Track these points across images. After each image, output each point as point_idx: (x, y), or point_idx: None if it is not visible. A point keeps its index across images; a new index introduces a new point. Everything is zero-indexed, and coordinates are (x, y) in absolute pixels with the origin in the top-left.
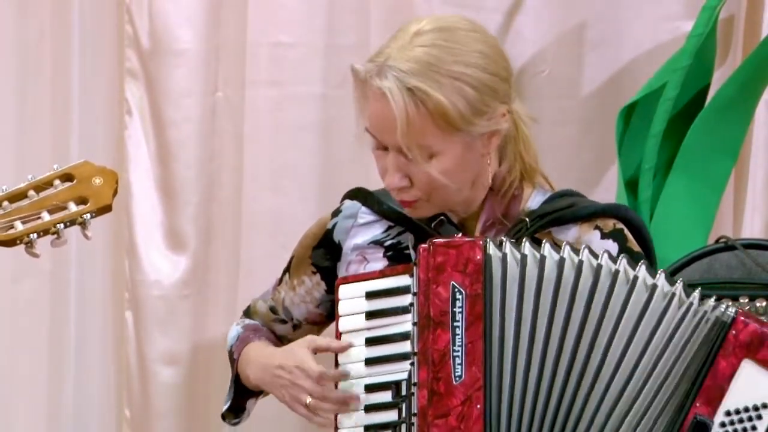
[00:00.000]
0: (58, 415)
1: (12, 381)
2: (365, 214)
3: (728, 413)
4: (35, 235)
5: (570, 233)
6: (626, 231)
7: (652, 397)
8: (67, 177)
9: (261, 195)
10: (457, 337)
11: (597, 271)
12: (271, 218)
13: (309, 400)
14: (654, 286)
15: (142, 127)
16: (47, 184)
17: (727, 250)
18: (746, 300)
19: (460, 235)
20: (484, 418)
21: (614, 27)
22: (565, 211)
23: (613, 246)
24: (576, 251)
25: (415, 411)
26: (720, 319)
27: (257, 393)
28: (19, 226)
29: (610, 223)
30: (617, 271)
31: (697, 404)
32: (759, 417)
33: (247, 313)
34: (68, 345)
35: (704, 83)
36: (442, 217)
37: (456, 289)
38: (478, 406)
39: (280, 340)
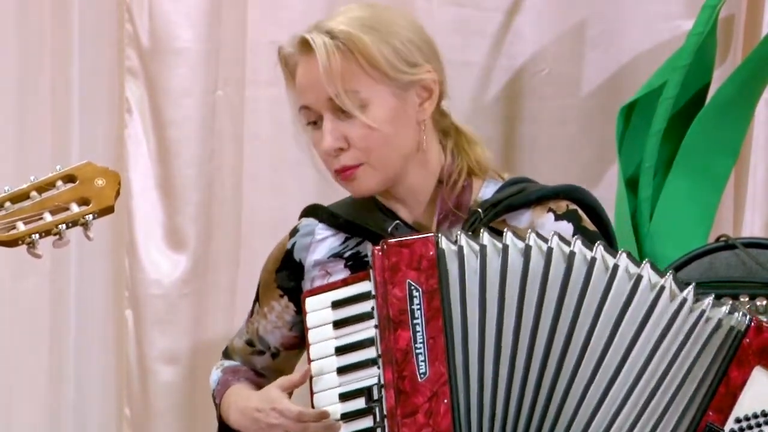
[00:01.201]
0: (58, 413)
1: (12, 379)
2: (322, 230)
3: (738, 420)
4: (37, 235)
5: (523, 218)
6: (580, 211)
7: (647, 398)
8: (69, 178)
9: (261, 194)
10: (417, 334)
11: (570, 258)
12: (270, 217)
13: None
14: (639, 276)
15: (142, 126)
16: (50, 185)
17: (727, 248)
18: (746, 299)
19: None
20: (453, 412)
21: (614, 26)
22: (517, 195)
23: (567, 227)
24: (544, 239)
25: (386, 412)
26: (731, 325)
27: None
28: (21, 227)
29: (563, 205)
30: (594, 259)
31: (710, 413)
32: (767, 422)
33: (226, 353)
34: (68, 343)
35: (704, 82)
36: (397, 222)
37: (412, 287)
38: (445, 400)
39: (261, 375)
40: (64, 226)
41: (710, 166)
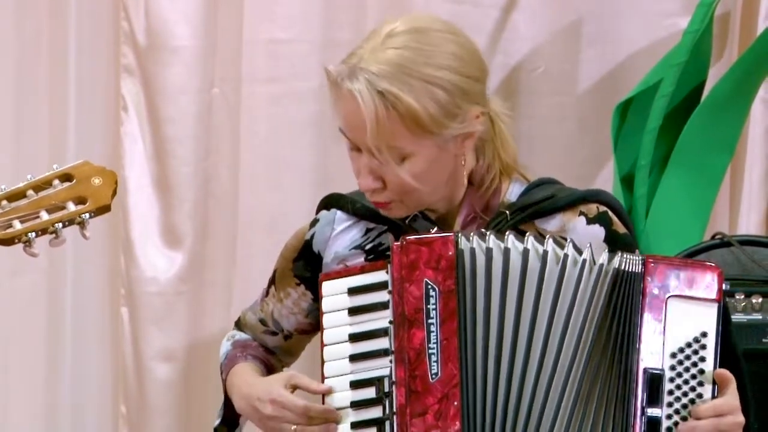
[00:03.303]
0: (54, 411)
1: (8, 377)
2: (342, 220)
3: (673, 355)
4: (33, 234)
5: (553, 221)
6: (610, 213)
7: (569, 364)
8: (66, 177)
9: (257, 191)
10: (432, 334)
11: (563, 261)
12: (267, 215)
13: (293, 427)
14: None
15: (138, 124)
16: (46, 183)
17: (723, 246)
18: (742, 296)
19: (435, 230)
20: (462, 414)
21: (610, 23)
22: (545, 203)
23: (600, 230)
24: (541, 241)
25: (395, 410)
26: (621, 269)
27: None
28: (18, 225)
29: (593, 208)
30: (585, 261)
31: (642, 359)
32: (703, 346)
33: (238, 324)
34: (64, 341)
35: (700, 79)
36: (416, 213)
37: (429, 286)
38: (456, 403)
39: (271, 352)
40: (60, 224)
41: (706, 164)
